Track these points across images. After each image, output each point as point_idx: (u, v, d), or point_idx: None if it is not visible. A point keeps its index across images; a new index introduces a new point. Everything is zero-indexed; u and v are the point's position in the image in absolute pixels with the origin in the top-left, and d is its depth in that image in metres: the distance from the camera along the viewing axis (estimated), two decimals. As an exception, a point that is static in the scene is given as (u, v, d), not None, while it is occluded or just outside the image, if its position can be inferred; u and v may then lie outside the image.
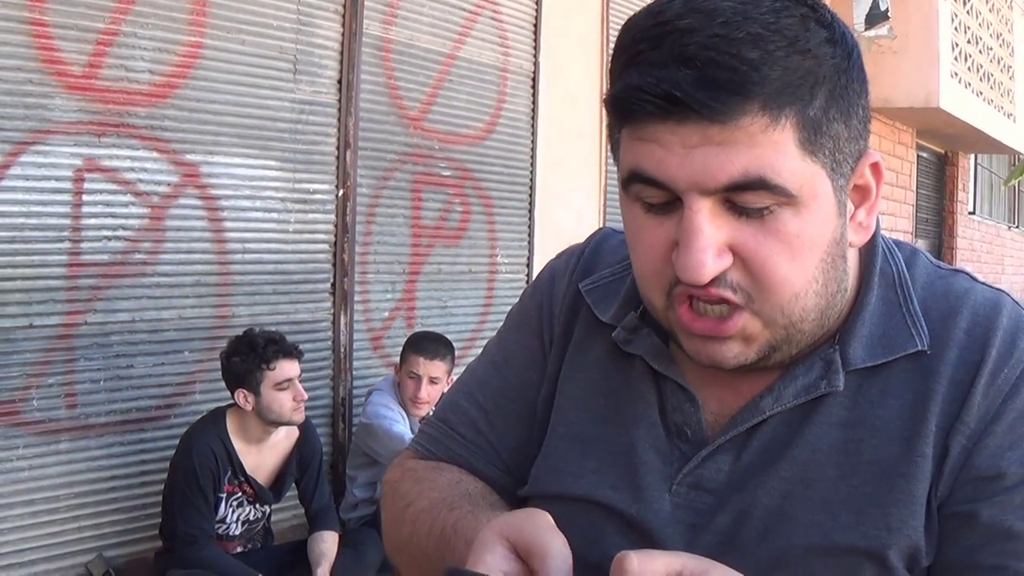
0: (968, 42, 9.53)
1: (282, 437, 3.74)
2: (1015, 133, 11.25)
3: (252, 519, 3.73)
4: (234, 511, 3.64)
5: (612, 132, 0.89)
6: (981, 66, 9.99)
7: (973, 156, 13.00)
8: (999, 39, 10.72)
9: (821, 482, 0.89)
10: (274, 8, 4.10)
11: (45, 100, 3.38)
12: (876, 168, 0.90)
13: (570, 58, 5.72)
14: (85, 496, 3.58)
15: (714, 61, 0.77)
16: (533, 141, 5.49)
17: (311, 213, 4.32)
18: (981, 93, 9.95)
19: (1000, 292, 0.95)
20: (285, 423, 3.63)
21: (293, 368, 3.60)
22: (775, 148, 0.79)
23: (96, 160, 3.54)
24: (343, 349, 4.47)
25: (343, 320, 4.45)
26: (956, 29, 9.16)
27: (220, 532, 3.60)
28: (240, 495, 3.63)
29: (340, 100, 4.39)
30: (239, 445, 3.59)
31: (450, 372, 4.27)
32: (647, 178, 0.83)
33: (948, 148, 11.81)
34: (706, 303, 0.85)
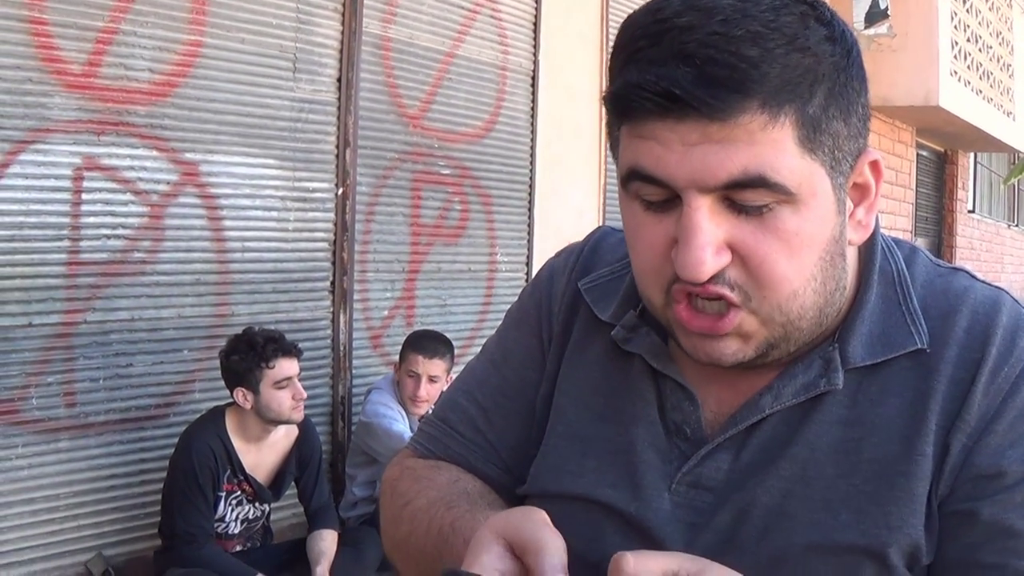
0: (968, 40, 9.53)
1: (281, 436, 3.74)
2: (1015, 131, 11.25)
3: (251, 518, 3.73)
4: (233, 510, 3.64)
5: (611, 130, 0.89)
6: (981, 64, 9.98)
7: (973, 154, 13.00)
8: (999, 37, 10.72)
9: (821, 481, 0.89)
10: (274, 7, 4.10)
11: (44, 99, 3.38)
12: (875, 166, 0.89)
13: (569, 56, 5.72)
14: (84, 495, 3.58)
15: (713, 59, 0.77)
16: (532, 139, 5.49)
17: (311, 212, 4.32)
18: (981, 91, 9.94)
19: (1000, 290, 0.95)
20: (284, 422, 3.63)
21: (292, 367, 3.60)
22: (774, 146, 0.79)
23: (95, 159, 3.54)
24: (342, 348, 4.47)
25: (342, 319, 4.45)
26: (956, 27, 9.16)
27: (219, 531, 3.60)
28: (239, 494, 3.63)
29: (340, 99, 4.39)
30: (238, 444, 3.59)
31: (449, 371, 4.27)
32: (646, 176, 0.83)
33: (948, 146, 11.81)
34: (704, 299, 0.85)
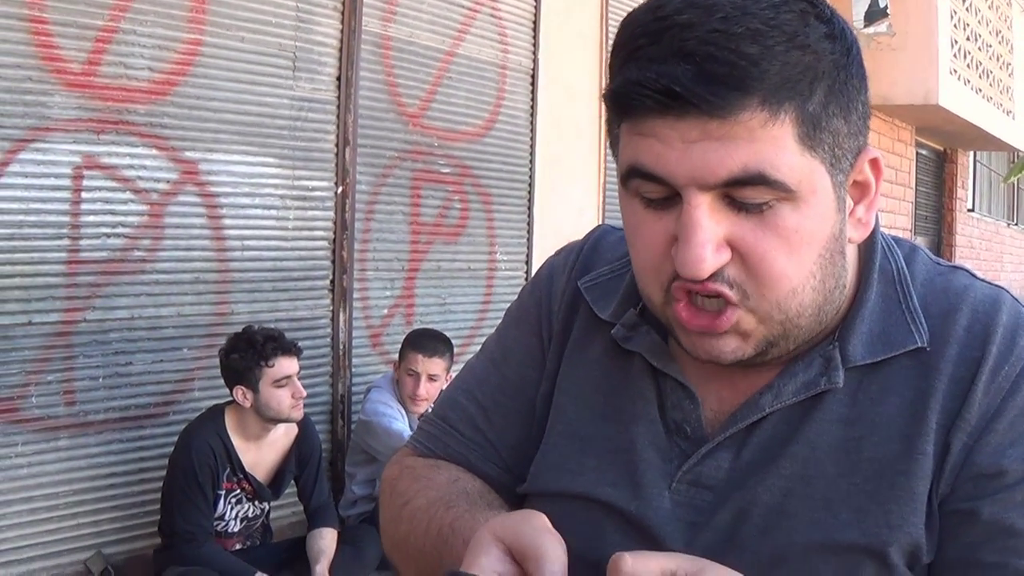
0: (967, 39, 9.53)
1: (281, 434, 3.74)
2: (1014, 130, 11.25)
3: (251, 516, 3.73)
4: (233, 508, 3.64)
5: (611, 127, 0.89)
6: (980, 63, 9.98)
7: (972, 153, 13.00)
8: (998, 36, 10.71)
9: (821, 479, 0.89)
10: (273, 5, 4.10)
11: (44, 97, 3.38)
12: (875, 164, 0.89)
13: (569, 55, 5.72)
14: (84, 493, 3.58)
15: (713, 56, 0.77)
16: (532, 138, 5.49)
17: (310, 210, 4.32)
18: (980, 90, 9.94)
19: (1000, 289, 0.94)
20: (284, 420, 3.63)
21: (292, 365, 3.60)
22: (774, 143, 0.79)
23: (95, 157, 3.54)
24: (342, 346, 4.47)
25: (342, 317, 4.45)
26: (955, 26, 9.16)
27: (219, 529, 3.60)
28: (239, 492, 3.63)
29: (339, 97, 4.39)
30: (238, 442, 3.59)
31: (449, 369, 4.27)
32: (646, 173, 0.83)
33: (947, 145, 11.81)
34: (703, 297, 0.85)
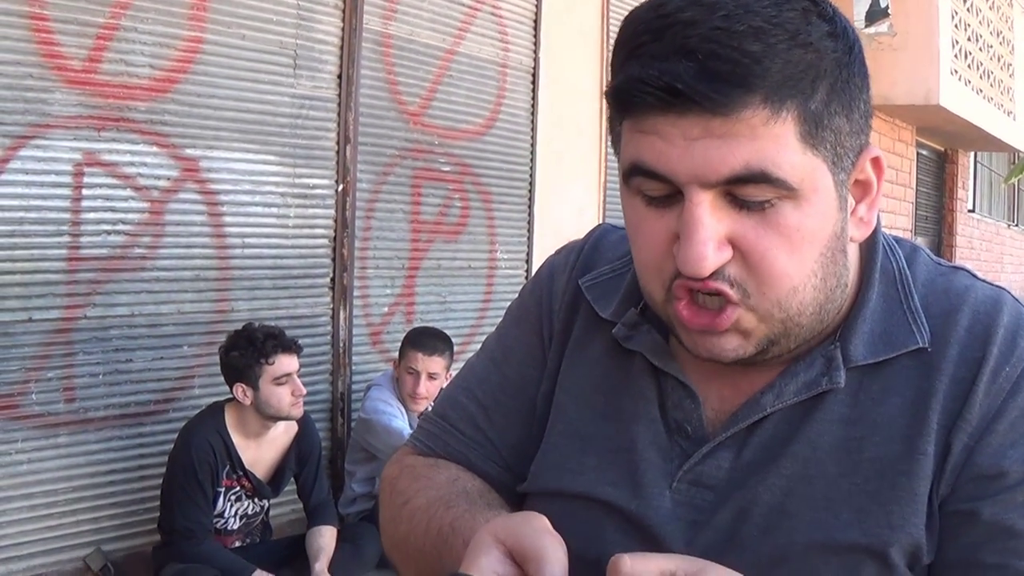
0: (968, 39, 9.52)
1: (281, 432, 3.74)
2: (1015, 131, 11.24)
3: (250, 513, 3.73)
4: (232, 505, 3.64)
5: (613, 125, 0.89)
6: (981, 64, 9.98)
7: (973, 154, 13.00)
8: (999, 37, 10.71)
9: (822, 479, 0.89)
10: (274, 3, 4.09)
11: (45, 94, 3.38)
12: (877, 163, 0.89)
13: (570, 54, 5.72)
14: (83, 490, 3.58)
15: (715, 54, 0.77)
16: (533, 137, 5.49)
17: (311, 208, 4.32)
18: (981, 91, 9.94)
19: (1000, 290, 0.94)
20: (284, 418, 3.64)
21: (292, 363, 3.60)
22: (776, 141, 0.79)
23: (96, 154, 3.54)
24: (342, 344, 4.47)
25: (342, 315, 4.45)
26: (956, 26, 9.15)
27: (218, 526, 3.60)
28: (238, 489, 3.63)
29: (340, 95, 4.38)
30: (238, 439, 3.59)
31: (449, 368, 4.27)
32: (648, 171, 0.83)
33: (948, 146, 11.81)
34: (704, 295, 0.85)
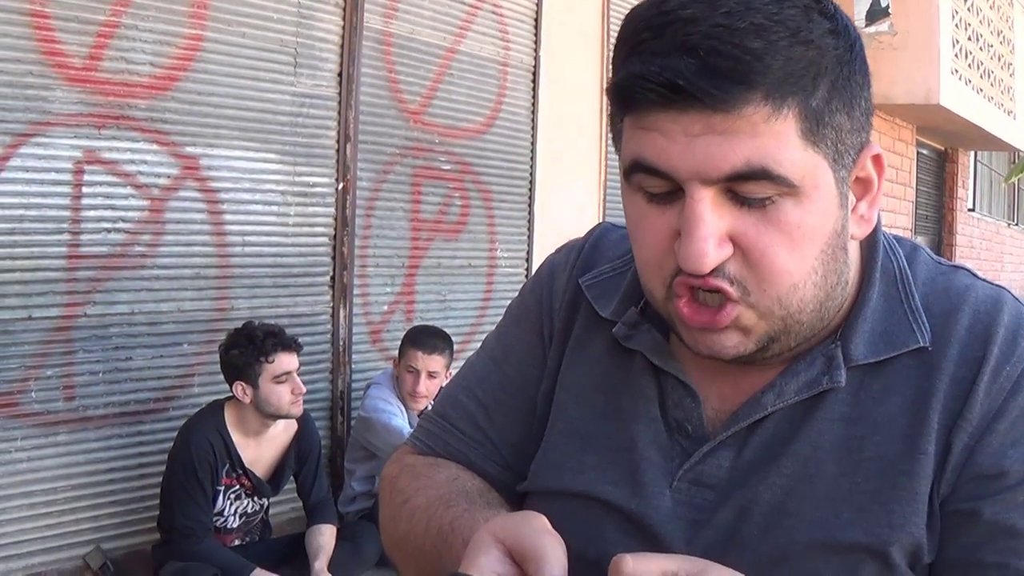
0: (969, 39, 9.52)
1: (280, 430, 3.74)
2: (1015, 130, 11.25)
3: (250, 512, 3.73)
4: (232, 504, 3.64)
5: (614, 122, 0.89)
6: (982, 63, 9.98)
7: (973, 153, 13.00)
8: (1000, 36, 10.71)
9: (823, 478, 0.89)
10: (275, 1, 4.09)
11: (45, 92, 3.38)
12: (878, 161, 0.89)
13: (571, 52, 5.71)
14: (83, 488, 3.58)
15: (717, 50, 0.77)
16: (533, 135, 5.48)
17: (311, 206, 4.31)
18: (981, 90, 9.94)
19: (1001, 289, 0.94)
20: (283, 416, 3.64)
21: (292, 361, 3.60)
22: (777, 138, 0.79)
23: (96, 152, 3.54)
24: (342, 342, 4.47)
25: (342, 313, 4.45)
26: (957, 26, 9.15)
27: (218, 525, 3.60)
28: (238, 488, 3.63)
29: (340, 93, 4.38)
30: (237, 438, 3.59)
31: (448, 366, 4.27)
32: (649, 167, 0.83)
33: (948, 145, 11.81)
34: (705, 292, 0.85)
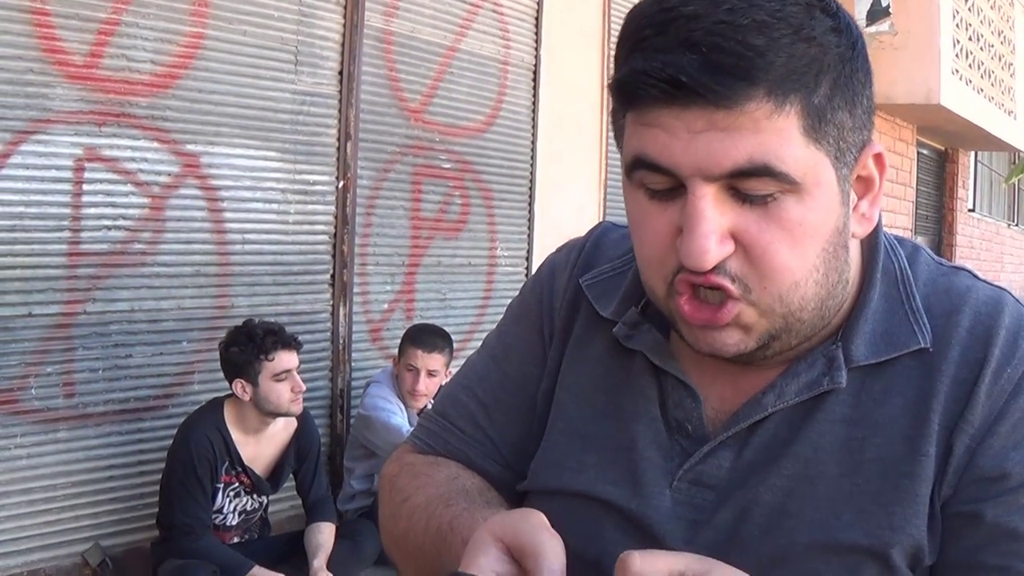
0: (969, 39, 9.52)
1: (280, 428, 3.74)
2: (1016, 131, 11.24)
3: (249, 509, 3.73)
4: (231, 501, 3.64)
5: (616, 118, 0.89)
6: (982, 63, 9.97)
7: (973, 153, 13.00)
8: (1000, 36, 10.71)
9: (824, 480, 0.89)
10: (275, -1, 4.10)
11: (46, 89, 3.38)
12: (879, 159, 0.89)
13: (571, 51, 5.71)
14: (83, 485, 3.58)
15: (719, 47, 0.77)
16: (533, 134, 5.48)
17: (311, 204, 4.31)
18: (982, 90, 9.94)
19: (1002, 291, 0.94)
20: (283, 414, 3.64)
21: (292, 359, 3.60)
22: (779, 135, 0.79)
23: (97, 149, 3.54)
24: (342, 341, 4.47)
25: (342, 312, 4.45)
26: (957, 26, 9.15)
27: (217, 522, 3.60)
28: (237, 485, 3.63)
29: (341, 92, 4.38)
30: (237, 435, 3.59)
31: (448, 365, 4.27)
32: (651, 163, 0.83)
33: (948, 145, 11.80)
34: (706, 289, 0.85)
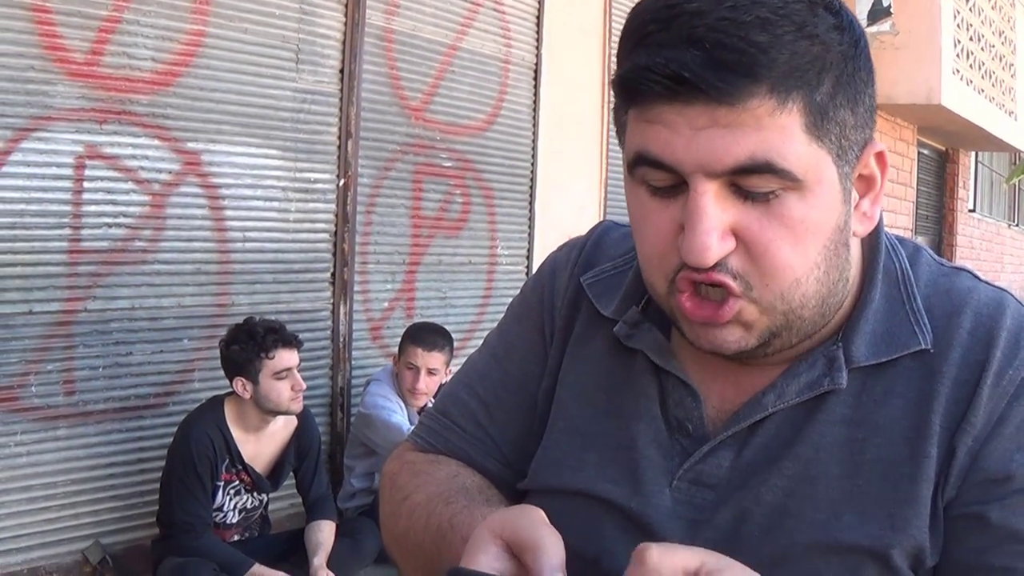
0: (970, 39, 9.52)
1: (280, 426, 3.74)
2: (1016, 131, 11.24)
3: (249, 507, 3.73)
4: (231, 499, 3.64)
5: (618, 115, 0.88)
6: (983, 63, 9.97)
7: (974, 154, 12.99)
8: (1001, 36, 10.70)
9: (824, 480, 0.89)
10: (277, -3, 4.09)
11: (47, 87, 3.38)
12: (881, 158, 0.89)
13: (572, 50, 5.71)
14: (83, 483, 3.58)
15: (722, 43, 0.77)
16: (534, 133, 5.48)
17: (312, 202, 4.31)
18: (983, 91, 9.94)
19: (1003, 292, 0.94)
20: (283, 412, 3.64)
21: (292, 357, 3.60)
22: (782, 132, 0.79)
23: (97, 147, 3.54)
24: (342, 339, 4.47)
25: (343, 310, 4.45)
26: (958, 26, 9.15)
27: (217, 520, 3.61)
28: (238, 483, 3.63)
29: (342, 90, 4.38)
30: (237, 433, 3.59)
31: (448, 363, 4.27)
32: (653, 160, 0.83)
33: (949, 145, 11.80)
34: (707, 286, 0.85)
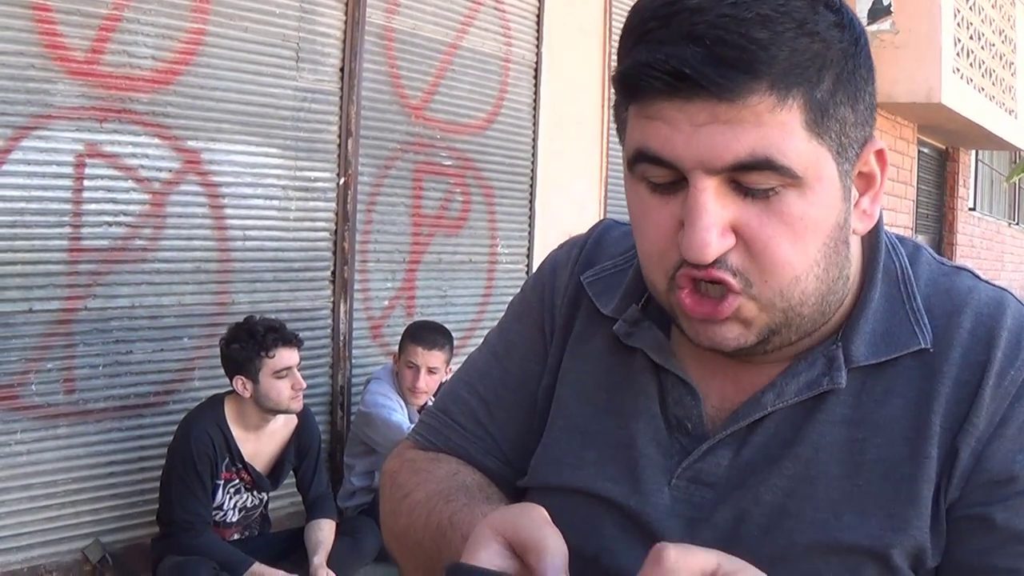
0: (970, 38, 9.52)
1: (280, 424, 3.74)
2: (1016, 129, 11.24)
3: (249, 506, 3.73)
4: (231, 498, 3.64)
5: (619, 112, 0.89)
6: (983, 62, 9.97)
7: (974, 152, 12.99)
8: (1001, 35, 10.70)
9: (824, 480, 0.89)
10: (277, -5, 4.09)
11: (47, 85, 3.38)
12: (881, 155, 0.89)
13: (572, 49, 5.71)
14: (83, 481, 3.58)
15: (723, 40, 0.77)
16: (534, 131, 5.48)
17: (312, 201, 4.31)
18: (983, 89, 9.93)
19: (1004, 291, 0.94)
20: (283, 411, 3.64)
21: (292, 356, 3.61)
22: (782, 129, 0.79)
23: (97, 146, 3.54)
24: (342, 337, 4.47)
25: (343, 308, 4.45)
26: (959, 25, 9.15)
27: (217, 519, 3.61)
28: (238, 482, 3.64)
29: (342, 88, 4.38)
30: (237, 432, 3.59)
31: (448, 362, 4.27)
32: (653, 156, 0.83)
33: (949, 144, 11.80)
34: (707, 283, 0.85)
